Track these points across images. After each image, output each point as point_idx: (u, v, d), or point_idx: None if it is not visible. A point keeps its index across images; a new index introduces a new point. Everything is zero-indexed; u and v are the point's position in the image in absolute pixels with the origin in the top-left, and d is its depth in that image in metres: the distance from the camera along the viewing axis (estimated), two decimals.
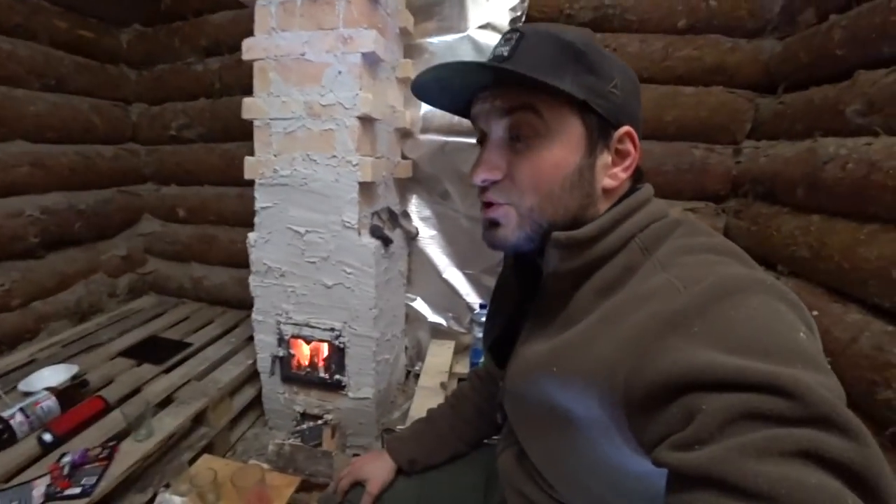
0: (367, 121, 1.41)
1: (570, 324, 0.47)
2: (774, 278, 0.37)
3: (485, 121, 0.51)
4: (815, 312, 1.24)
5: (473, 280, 1.92)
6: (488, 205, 0.52)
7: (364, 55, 1.35)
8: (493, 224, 0.52)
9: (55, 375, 1.55)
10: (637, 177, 0.54)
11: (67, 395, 1.41)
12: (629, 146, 0.50)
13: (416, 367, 1.97)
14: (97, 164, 2.21)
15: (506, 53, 0.47)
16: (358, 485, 0.77)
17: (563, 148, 0.47)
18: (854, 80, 1.21)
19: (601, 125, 0.48)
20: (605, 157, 0.49)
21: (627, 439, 0.39)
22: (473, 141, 0.60)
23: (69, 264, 2.10)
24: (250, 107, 1.48)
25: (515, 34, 0.48)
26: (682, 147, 1.73)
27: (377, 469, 0.77)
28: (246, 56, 1.46)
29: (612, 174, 0.50)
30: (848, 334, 1.09)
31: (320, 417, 1.62)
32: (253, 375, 1.78)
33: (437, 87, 0.52)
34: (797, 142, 1.43)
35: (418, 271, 1.97)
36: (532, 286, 0.59)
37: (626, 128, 0.49)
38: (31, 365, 1.68)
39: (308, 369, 1.62)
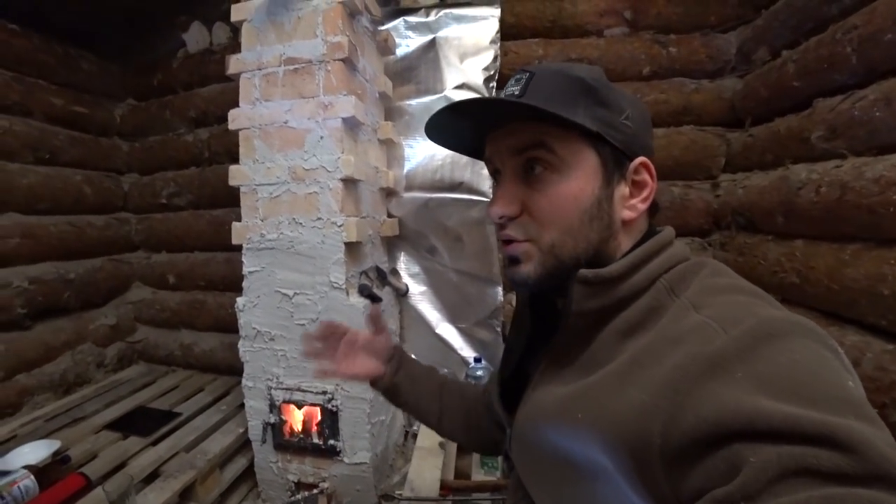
0: (349, 182, 1.45)
1: (595, 367, 0.45)
2: (813, 322, 0.36)
3: (499, 159, 0.51)
4: None
5: (466, 334, 1.90)
6: (508, 242, 0.51)
7: (344, 120, 1.40)
8: (514, 261, 0.51)
9: (35, 452, 1.48)
10: (653, 211, 0.53)
11: (47, 473, 1.34)
12: (646, 177, 0.49)
13: (415, 427, 1.90)
14: (87, 233, 2.23)
15: (517, 92, 0.48)
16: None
17: (579, 180, 0.47)
18: (813, 108, 1.28)
19: (615, 157, 0.48)
20: (623, 189, 0.49)
21: (656, 492, 0.36)
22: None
23: (56, 335, 2.07)
24: (236, 173, 1.51)
25: (526, 74, 0.49)
26: (661, 186, 1.76)
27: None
28: (232, 126, 1.51)
29: (630, 205, 0.49)
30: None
31: (315, 486, 1.55)
32: (245, 444, 1.71)
33: (450, 129, 0.53)
34: (770, 171, 1.48)
35: (411, 328, 1.95)
36: (546, 326, 0.56)
37: (641, 158, 0.49)
38: (12, 441, 1.61)
39: (301, 435, 1.56)
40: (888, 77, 1.05)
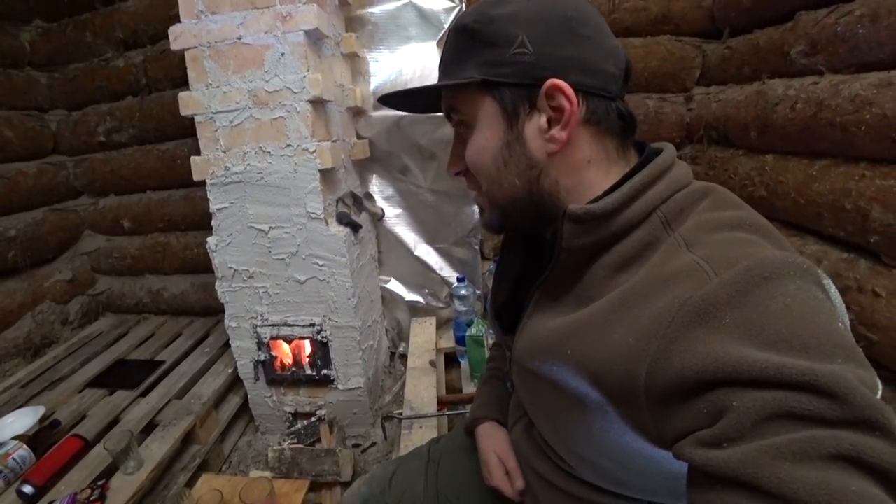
0: (318, 103, 1.33)
1: (585, 301, 0.45)
2: (809, 261, 0.35)
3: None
4: None
5: (445, 254, 1.90)
6: (475, 192, 0.55)
7: (307, 33, 1.26)
8: (481, 210, 0.55)
9: (21, 421, 1.43)
10: (629, 126, 0.49)
11: (39, 439, 1.31)
12: (562, 100, 0.44)
13: (401, 348, 1.96)
14: (21, 183, 2.00)
15: (441, 58, 0.52)
16: None
17: (484, 129, 0.48)
18: (796, 21, 1.24)
19: (516, 92, 0.46)
20: (540, 121, 0.46)
21: (643, 427, 0.38)
22: (429, 113, 0.60)
23: (10, 297, 1.92)
24: (188, 101, 1.36)
25: (444, 41, 0.55)
26: (637, 99, 1.75)
27: (505, 441, 0.70)
28: (174, 45, 1.33)
29: (549, 137, 0.46)
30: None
31: (313, 414, 1.60)
32: (235, 383, 1.72)
33: (406, 107, 0.61)
34: (746, 85, 1.47)
35: (388, 252, 1.93)
36: (539, 255, 0.57)
37: (550, 81, 0.44)
38: None
39: (293, 369, 1.58)
40: None
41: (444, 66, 0.51)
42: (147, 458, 1.28)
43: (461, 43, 0.48)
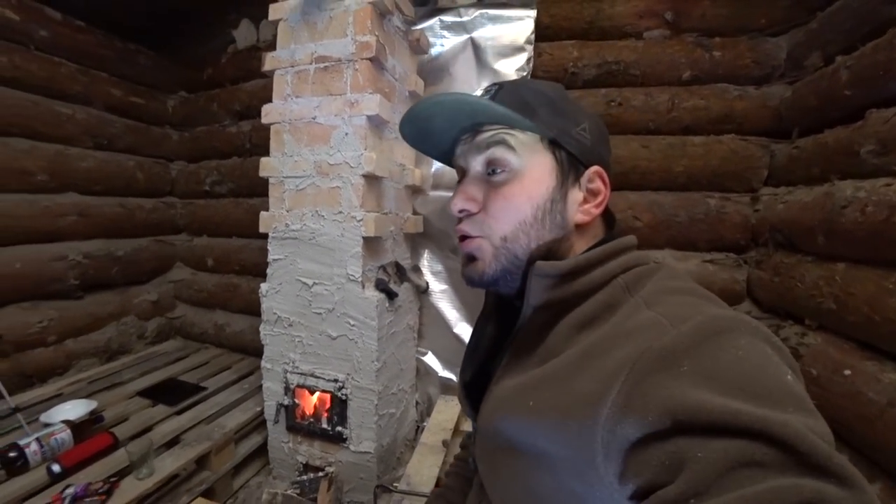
0: (371, 178, 1.48)
1: (548, 357, 0.46)
2: (757, 320, 0.37)
3: (464, 159, 0.55)
4: (846, 371, 1.14)
5: None
6: (463, 238, 0.54)
7: (369, 117, 1.43)
8: (469, 259, 0.54)
9: (75, 409, 1.63)
10: (610, 223, 0.57)
11: (81, 428, 1.47)
12: (600, 184, 0.52)
13: (424, 423, 1.92)
14: (137, 215, 2.41)
15: (499, 94, 0.53)
16: None
17: (534, 179, 0.50)
18: (866, 120, 1.18)
19: (570, 162, 0.52)
20: (577, 194, 0.52)
21: (602, 481, 0.37)
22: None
23: (103, 306, 2.25)
24: (266, 165, 1.58)
25: (495, 86, 0.54)
26: (695, 197, 1.69)
27: None
28: (265, 120, 1.58)
29: (584, 210, 0.52)
30: (884, 397, 1.00)
31: (321, 469, 1.60)
32: (261, 423, 1.79)
33: (424, 129, 0.56)
34: (814, 186, 1.38)
35: (430, 325, 1.97)
36: (509, 328, 0.57)
37: (595, 167, 0.52)
38: (58, 398, 1.78)
39: (311, 419, 1.62)
40: None
41: (512, 105, 0.50)
42: (159, 468, 1.37)
43: (534, 100, 0.52)
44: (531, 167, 0.50)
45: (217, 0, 2.19)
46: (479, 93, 0.55)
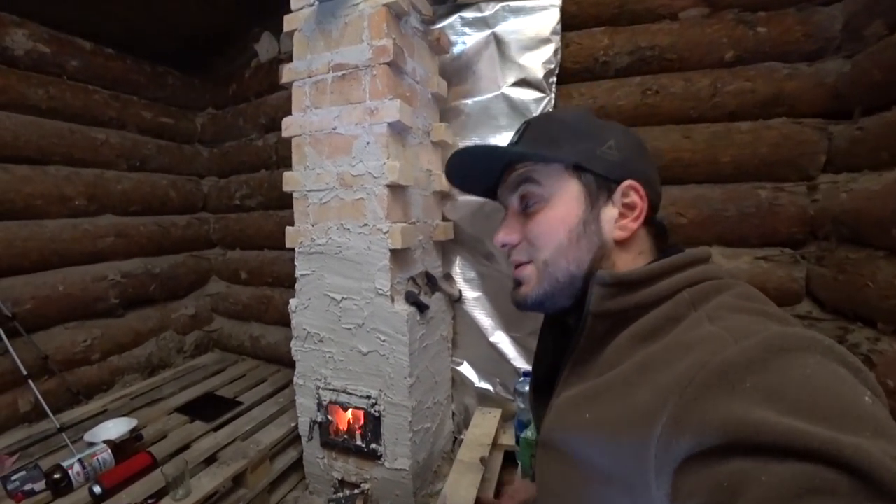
0: (396, 188, 1.43)
1: (606, 370, 0.46)
2: (833, 340, 0.34)
3: (504, 196, 0.60)
4: None
5: (520, 343, 1.81)
6: (516, 266, 0.58)
7: (390, 124, 1.38)
8: (517, 284, 0.58)
9: (117, 428, 1.68)
10: (660, 232, 0.58)
11: (122, 448, 1.50)
12: (635, 198, 0.53)
13: (463, 435, 1.87)
14: (172, 232, 2.47)
15: (515, 140, 0.59)
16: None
17: (564, 205, 0.53)
18: None
19: (599, 182, 0.53)
20: (611, 211, 0.53)
21: (653, 501, 0.35)
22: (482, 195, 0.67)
23: (143, 322, 2.31)
24: (289, 179, 1.56)
25: (524, 125, 0.59)
26: (744, 189, 1.55)
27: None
28: (285, 133, 1.57)
29: (621, 225, 0.53)
30: None
31: (357, 486, 1.57)
32: (297, 438, 1.79)
33: (468, 174, 0.64)
34: (884, 172, 1.23)
35: (465, 334, 1.90)
36: (567, 343, 0.58)
37: (628, 182, 0.53)
38: (104, 415, 1.85)
39: (345, 436, 1.59)
40: None
41: (532, 144, 0.56)
42: (196, 488, 1.38)
43: (557, 131, 0.55)
44: (559, 195, 0.54)
45: (240, 16, 2.21)
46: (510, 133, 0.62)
